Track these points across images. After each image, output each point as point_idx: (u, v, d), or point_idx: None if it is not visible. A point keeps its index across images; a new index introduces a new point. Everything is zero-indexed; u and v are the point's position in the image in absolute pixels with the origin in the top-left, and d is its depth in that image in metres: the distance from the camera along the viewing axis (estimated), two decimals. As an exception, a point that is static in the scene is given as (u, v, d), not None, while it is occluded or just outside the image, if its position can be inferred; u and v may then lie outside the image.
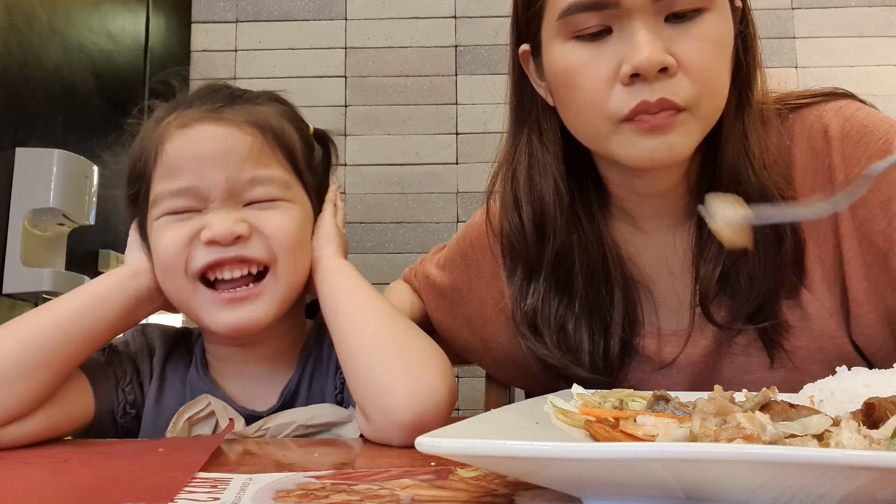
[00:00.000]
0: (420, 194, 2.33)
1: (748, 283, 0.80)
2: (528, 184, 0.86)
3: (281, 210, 0.78)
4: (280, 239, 0.76)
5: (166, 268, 0.76)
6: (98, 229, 1.76)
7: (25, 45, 1.62)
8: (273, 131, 0.78)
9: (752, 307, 0.81)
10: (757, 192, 0.79)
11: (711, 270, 0.81)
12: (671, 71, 0.72)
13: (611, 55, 0.74)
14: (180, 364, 0.84)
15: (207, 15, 2.41)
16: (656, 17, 0.73)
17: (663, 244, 0.87)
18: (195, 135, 0.75)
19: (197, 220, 0.75)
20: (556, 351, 0.86)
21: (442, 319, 1.04)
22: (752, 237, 0.69)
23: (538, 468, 0.42)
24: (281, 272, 0.77)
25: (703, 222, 0.81)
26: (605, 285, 0.87)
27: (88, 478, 0.58)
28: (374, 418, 0.71)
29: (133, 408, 0.81)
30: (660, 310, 0.88)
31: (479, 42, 2.39)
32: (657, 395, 0.61)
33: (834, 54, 2.33)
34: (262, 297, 0.76)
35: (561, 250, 0.86)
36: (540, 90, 0.85)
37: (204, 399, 0.77)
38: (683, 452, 0.36)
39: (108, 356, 0.81)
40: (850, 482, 0.36)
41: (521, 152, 0.87)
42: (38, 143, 1.62)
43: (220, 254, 0.74)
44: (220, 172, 0.75)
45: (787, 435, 0.47)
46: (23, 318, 0.74)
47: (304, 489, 0.50)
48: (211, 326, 0.77)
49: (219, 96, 0.79)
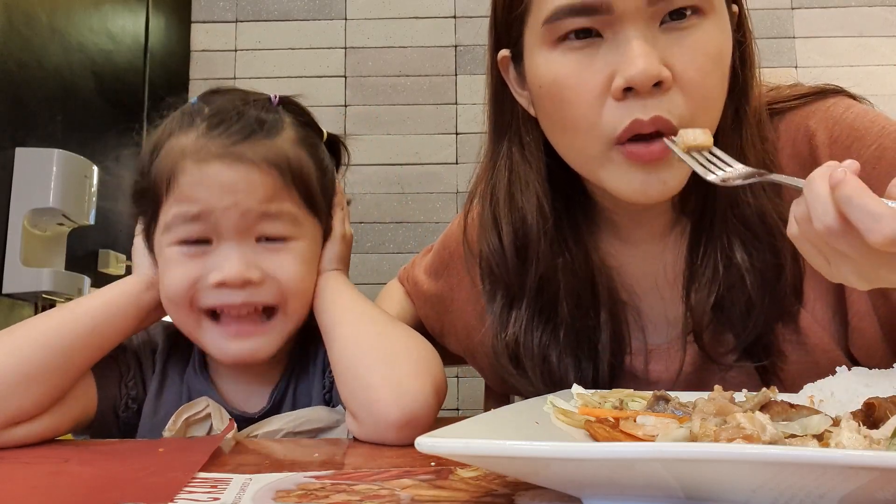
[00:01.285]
0: (420, 194, 2.33)
1: (745, 313, 0.75)
2: (509, 202, 0.80)
3: (291, 252, 0.77)
4: (291, 285, 0.77)
5: (171, 302, 0.77)
6: (98, 229, 1.76)
7: (25, 45, 1.62)
8: (291, 169, 0.77)
9: (749, 339, 0.76)
10: (755, 214, 0.75)
11: (705, 298, 0.76)
12: (666, 85, 0.67)
13: (601, 66, 0.68)
14: (181, 361, 0.84)
15: (207, 15, 2.41)
16: (651, 22, 0.68)
17: (649, 257, 0.82)
18: (212, 171, 0.74)
19: (207, 259, 0.75)
20: (541, 384, 0.80)
21: (433, 326, 1.03)
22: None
23: (538, 468, 0.42)
24: (290, 311, 0.78)
25: (695, 243, 0.77)
26: (592, 308, 0.81)
27: (88, 478, 0.58)
28: (362, 418, 0.72)
29: (135, 402, 0.81)
30: (646, 325, 0.83)
31: (479, 42, 2.39)
32: (657, 395, 0.61)
33: (834, 54, 2.33)
34: (271, 332, 0.77)
35: (545, 275, 0.80)
36: (521, 100, 0.79)
37: (203, 401, 0.78)
38: (683, 452, 0.36)
39: (112, 352, 0.81)
40: (850, 482, 0.36)
41: (501, 167, 0.81)
42: (38, 143, 1.62)
43: (228, 298, 0.75)
44: (234, 206, 0.74)
45: (787, 435, 0.47)
46: (39, 321, 0.75)
47: (304, 489, 0.50)
48: (216, 356, 0.78)
49: (238, 126, 0.76)
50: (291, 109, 0.84)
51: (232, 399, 0.82)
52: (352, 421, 0.74)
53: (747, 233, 0.75)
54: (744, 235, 0.75)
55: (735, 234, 0.75)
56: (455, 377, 2.19)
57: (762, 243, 0.75)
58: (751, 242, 0.75)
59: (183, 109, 0.81)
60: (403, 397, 0.70)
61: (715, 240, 0.76)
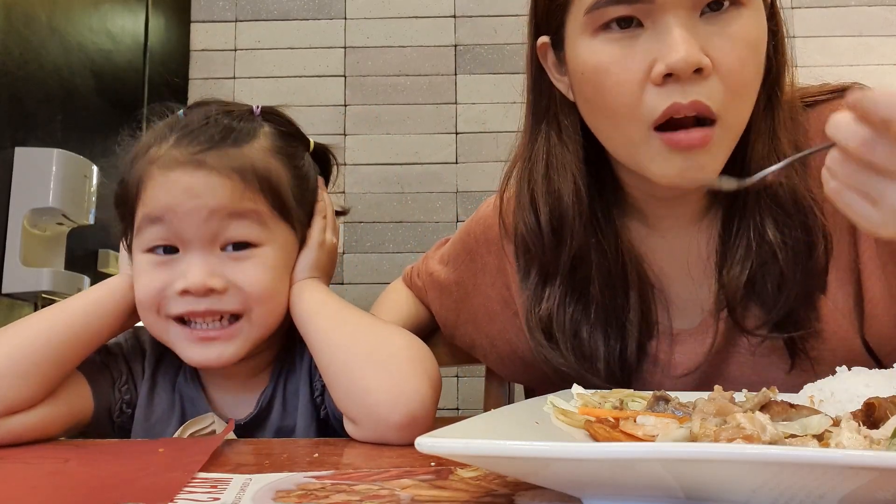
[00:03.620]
0: (420, 194, 2.33)
1: (776, 289, 0.78)
2: (546, 183, 0.84)
3: (256, 260, 0.78)
4: (254, 293, 0.77)
5: (141, 307, 0.79)
6: (97, 229, 1.76)
7: (25, 45, 1.61)
8: (257, 175, 0.78)
9: (781, 314, 0.78)
10: (787, 193, 0.77)
11: (738, 275, 0.79)
12: (706, 72, 0.69)
13: (643, 53, 0.71)
14: (170, 368, 0.85)
15: (207, 14, 2.41)
16: (691, 12, 0.70)
17: (678, 244, 0.85)
18: (174, 178, 0.76)
19: (173, 267, 0.77)
20: (572, 358, 0.84)
21: (447, 317, 1.04)
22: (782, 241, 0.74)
23: (538, 468, 0.42)
24: (255, 318, 0.78)
25: (728, 224, 0.81)
26: (622, 289, 0.84)
27: (88, 478, 0.58)
28: (361, 421, 0.72)
29: (129, 407, 0.83)
30: (672, 309, 0.86)
31: (479, 41, 2.39)
32: (657, 396, 0.61)
33: (834, 54, 2.32)
34: (235, 339, 0.78)
35: (578, 254, 0.83)
36: (560, 85, 0.82)
37: (209, 417, 0.79)
38: (683, 452, 0.36)
39: (103, 357, 0.83)
40: (850, 482, 0.36)
41: (539, 150, 0.84)
42: (38, 142, 1.62)
43: (192, 305, 0.76)
44: (195, 209, 0.75)
45: (787, 435, 0.47)
46: (32, 317, 0.79)
47: (304, 489, 0.50)
48: (185, 360, 0.80)
49: (205, 136, 0.78)
50: (272, 119, 0.85)
51: (221, 406, 0.84)
52: (350, 425, 0.74)
53: (779, 211, 0.78)
54: (776, 214, 0.78)
55: (767, 212, 0.78)
56: (455, 377, 2.19)
57: (794, 221, 0.78)
58: (783, 220, 0.78)
59: (165, 121, 0.82)
60: (402, 398, 0.71)
61: (748, 219, 0.79)
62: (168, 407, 0.83)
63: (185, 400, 0.84)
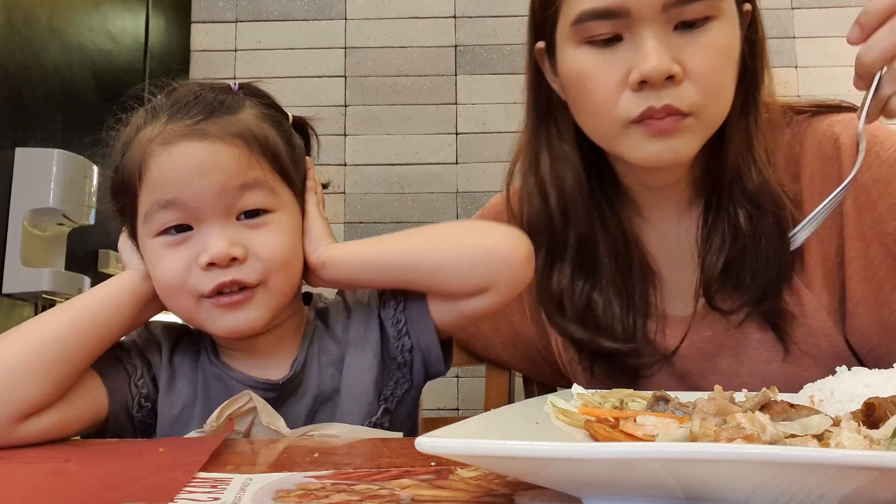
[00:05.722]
0: (420, 194, 2.33)
1: (752, 273, 0.84)
2: (552, 171, 0.91)
3: (272, 226, 0.78)
4: (275, 259, 0.78)
5: (168, 291, 0.78)
6: (98, 229, 1.76)
7: (25, 45, 1.62)
8: (257, 140, 0.79)
9: (756, 296, 0.84)
10: (758, 188, 0.83)
11: (716, 261, 0.85)
12: (677, 79, 0.76)
13: (621, 62, 0.78)
14: (187, 355, 0.85)
15: (207, 15, 2.41)
16: (665, 26, 0.76)
17: (665, 232, 0.92)
18: (179, 151, 0.75)
19: (192, 244, 0.76)
20: (583, 331, 0.90)
21: None
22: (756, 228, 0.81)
23: (538, 468, 0.42)
24: (273, 285, 0.78)
25: (709, 212, 0.88)
26: (628, 267, 0.91)
27: (88, 478, 0.58)
28: (491, 274, 0.77)
29: (148, 401, 0.82)
30: (666, 294, 0.92)
31: (479, 42, 2.39)
32: (657, 396, 0.61)
33: (834, 54, 2.32)
34: (255, 302, 0.77)
35: (584, 234, 0.91)
36: (554, 85, 0.89)
37: (245, 395, 0.77)
38: (683, 452, 0.36)
39: (117, 353, 0.82)
40: (850, 482, 0.36)
41: (542, 142, 0.92)
42: (38, 143, 1.62)
43: (219, 278, 0.76)
44: (208, 186, 0.75)
45: (787, 435, 0.47)
46: (42, 317, 0.77)
47: (304, 489, 0.50)
48: (214, 331, 0.80)
49: (198, 108, 0.78)
50: (253, 93, 0.85)
51: (250, 371, 0.82)
52: (478, 299, 0.78)
53: (750, 203, 0.84)
54: (747, 206, 0.84)
55: (740, 204, 0.85)
56: (455, 377, 2.19)
57: (764, 212, 0.84)
58: (753, 212, 0.84)
59: (146, 106, 0.82)
60: (514, 236, 0.78)
61: (722, 211, 0.86)
62: (191, 392, 0.82)
63: (210, 379, 0.82)
